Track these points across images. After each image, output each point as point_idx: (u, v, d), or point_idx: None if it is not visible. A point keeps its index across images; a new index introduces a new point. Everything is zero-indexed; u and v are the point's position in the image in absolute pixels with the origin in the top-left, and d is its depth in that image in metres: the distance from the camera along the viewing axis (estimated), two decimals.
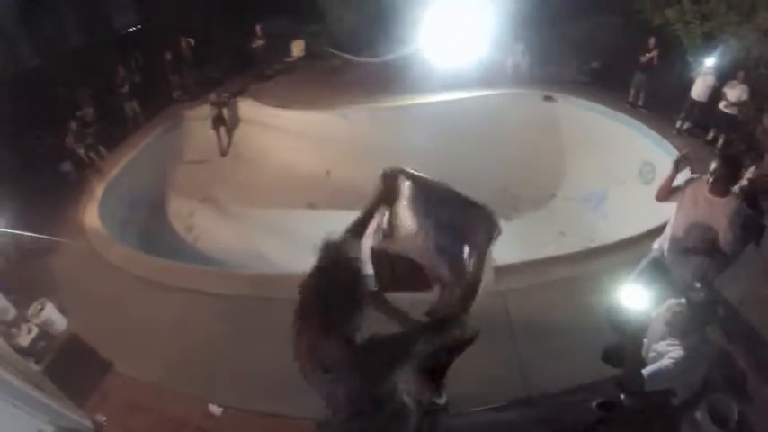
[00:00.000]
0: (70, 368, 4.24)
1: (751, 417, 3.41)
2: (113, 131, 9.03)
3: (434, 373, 2.69)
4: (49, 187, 7.41)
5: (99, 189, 7.55)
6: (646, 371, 2.81)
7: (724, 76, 8.52)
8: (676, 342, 2.85)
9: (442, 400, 2.91)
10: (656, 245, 3.87)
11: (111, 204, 7.43)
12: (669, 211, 3.71)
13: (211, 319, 4.66)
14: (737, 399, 3.34)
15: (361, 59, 10.56)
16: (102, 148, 8.43)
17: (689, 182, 3.56)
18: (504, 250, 2.61)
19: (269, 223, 7.86)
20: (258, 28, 10.85)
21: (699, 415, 3.23)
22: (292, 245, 7.07)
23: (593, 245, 6.44)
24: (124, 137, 9.05)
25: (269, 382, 3.69)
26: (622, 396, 3.17)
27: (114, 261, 5.88)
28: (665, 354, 2.81)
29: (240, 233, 7.65)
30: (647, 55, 9.34)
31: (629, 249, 5.12)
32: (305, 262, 5.53)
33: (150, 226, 8.00)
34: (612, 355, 3.37)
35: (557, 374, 3.93)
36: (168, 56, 9.92)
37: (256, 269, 6.60)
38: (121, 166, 8.20)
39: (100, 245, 6.27)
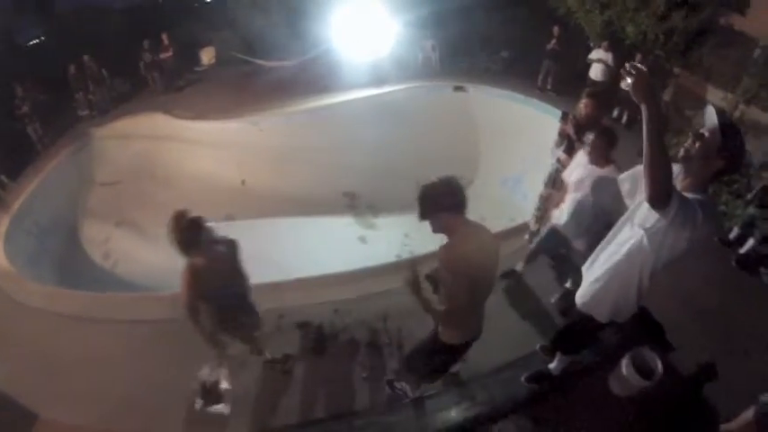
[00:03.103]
0: None
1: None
2: (15, 158, 8.38)
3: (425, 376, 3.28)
4: None
5: (3, 224, 7.09)
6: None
7: (622, 58, 9.14)
8: None
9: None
10: (556, 212, 4.24)
11: (18, 239, 7.03)
12: None
13: (139, 347, 4.46)
14: (659, 349, 3.63)
15: (273, 63, 10.47)
16: (3, 178, 7.83)
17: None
18: (428, 238, 2.72)
19: None
20: (165, 37, 10.48)
21: (625, 370, 3.45)
22: None
23: (513, 224, 6.64)
24: (28, 163, 8.48)
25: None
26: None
27: (28, 301, 5.53)
28: None
29: (160, 254, 7.35)
30: (553, 43, 9.89)
31: None
32: None
33: (64, 257, 7.61)
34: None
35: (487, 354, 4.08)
36: (72, 70, 9.43)
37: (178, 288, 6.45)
38: (27, 196, 7.71)
39: (10, 286, 5.85)
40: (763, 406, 2.67)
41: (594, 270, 2.79)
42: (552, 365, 3.81)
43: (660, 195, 2.06)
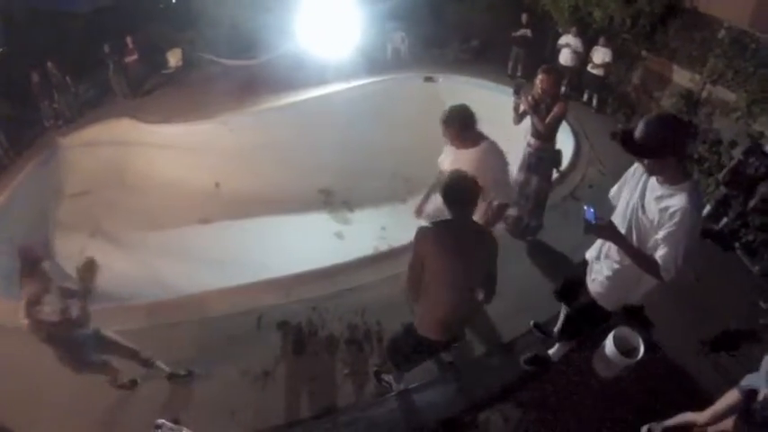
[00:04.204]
0: None
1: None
2: None
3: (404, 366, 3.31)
4: None
5: None
6: None
7: (590, 42, 9.30)
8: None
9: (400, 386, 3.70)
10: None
11: None
12: None
13: (117, 360, 4.27)
14: (640, 328, 3.67)
15: (240, 63, 10.34)
16: None
17: None
18: (404, 230, 2.74)
19: (163, 246, 7.56)
20: (129, 40, 10.22)
21: (608, 350, 3.47)
22: (189, 264, 6.93)
23: None
24: None
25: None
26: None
27: (5, 322, 5.22)
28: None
29: (135, 262, 7.26)
30: (522, 30, 9.97)
31: None
32: (202, 280, 5.45)
33: None
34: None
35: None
36: (35, 78, 9.10)
37: (155, 296, 6.32)
38: None
39: None
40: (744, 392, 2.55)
41: (606, 264, 2.84)
42: (552, 351, 3.87)
43: (660, 274, 2.33)
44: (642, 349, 3.42)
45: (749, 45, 7.76)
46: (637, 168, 2.61)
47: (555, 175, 5.18)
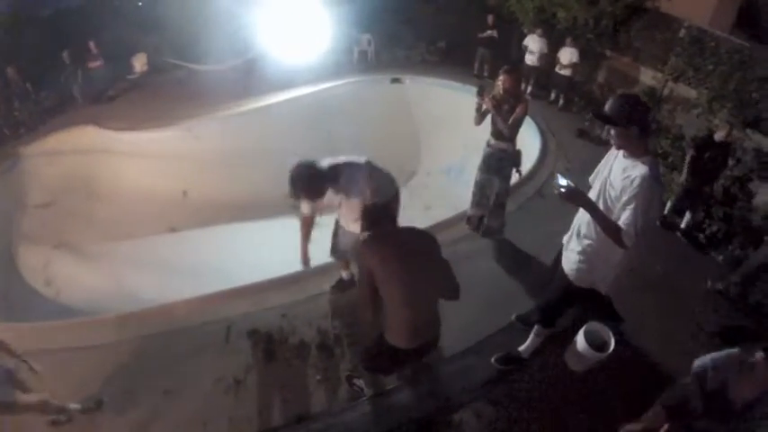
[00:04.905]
0: None
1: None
2: None
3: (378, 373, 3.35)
4: None
5: None
6: None
7: (555, 43, 9.46)
8: None
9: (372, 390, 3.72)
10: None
11: None
12: None
13: (89, 376, 4.03)
14: (610, 322, 3.74)
15: (206, 67, 10.18)
16: None
17: None
18: None
19: (132, 256, 7.38)
20: (92, 45, 9.96)
21: (579, 345, 3.56)
22: (158, 274, 6.78)
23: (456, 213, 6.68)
24: None
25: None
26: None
27: None
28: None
29: (103, 274, 7.06)
30: (488, 31, 10.09)
31: None
32: (172, 290, 5.32)
33: (2, 289, 6.92)
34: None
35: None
36: None
37: (125, 308, 6.16)
38: None
39: None
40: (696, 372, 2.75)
41: (578, 242, 3.08)
42: (522, 348, 3.93)
43: (623, 239, 2.59)
44: (612, 343, 3.50)
45: (708, 44, 8.01)
46: (609, 155, 2.98)
47: (515, 175, 5.23)
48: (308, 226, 3.91)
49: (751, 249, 5.56)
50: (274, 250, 6.62)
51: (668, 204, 6.27)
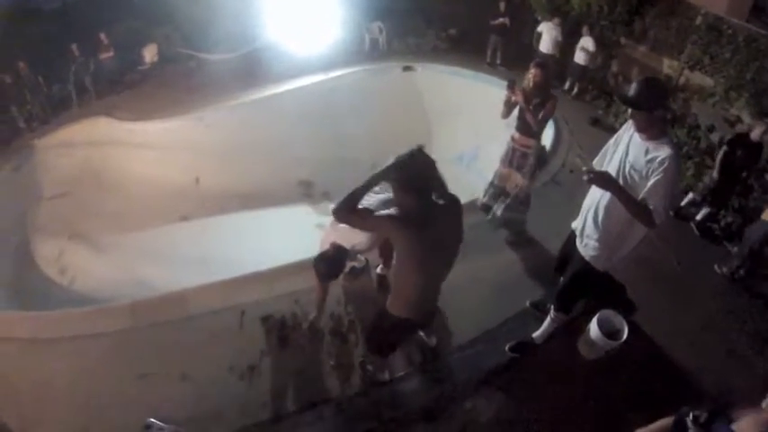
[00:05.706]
0: None
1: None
2: None
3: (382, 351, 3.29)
4: None
5: None
6: None
7: (570, 31, 9.35)
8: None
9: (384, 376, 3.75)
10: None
11: None
12: None
13: (103, 362, 4.10)
14: (623, 311, 3.75)
15: (217, 57, 10.17)
16: None
17: None
18: None
19: (144, 246, 7.44)
20: (103, 36, 9.98)
21: (593, 333, 3.57)
22: (171, 263, 6.82)
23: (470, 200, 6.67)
24: None
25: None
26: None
27: None
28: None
29: (116, 263, 7.13)
30: (500, 18, 9.98)
31: None
32: (184, 278, 5.36)
33: (18, 279, 7.10)
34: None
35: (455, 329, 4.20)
36: (8, 80, 8.81)
37: (138, 296, 6.19)
38: None
39: None
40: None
41: (596, 227, 3.09)
42: (536, 334, 3.92)
43: (653, 217, 2.61)
44: (626, 331, 3.49)
45: (725, 31, 7.86)
46: (615, 139, 3.04)
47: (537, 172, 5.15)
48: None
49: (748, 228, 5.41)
50: (286, 237, 6.66)
51: (686, 197, 6.20)
